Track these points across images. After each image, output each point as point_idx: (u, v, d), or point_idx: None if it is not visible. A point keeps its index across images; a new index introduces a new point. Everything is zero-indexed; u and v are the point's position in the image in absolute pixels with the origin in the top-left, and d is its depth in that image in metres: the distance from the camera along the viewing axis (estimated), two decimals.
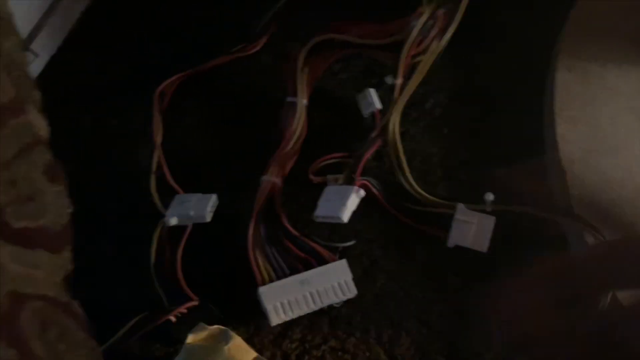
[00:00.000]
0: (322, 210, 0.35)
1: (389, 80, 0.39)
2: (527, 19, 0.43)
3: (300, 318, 0.34)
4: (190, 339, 0.31)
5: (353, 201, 0.35)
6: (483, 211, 0.36)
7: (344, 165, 0.38)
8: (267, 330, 0.35)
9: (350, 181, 0.36)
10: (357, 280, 0.35)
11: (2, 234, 0.17)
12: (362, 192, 0.35)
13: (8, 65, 0.20)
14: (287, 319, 0.33)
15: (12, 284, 0.16)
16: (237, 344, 0.32)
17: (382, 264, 0.37)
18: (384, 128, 0.38)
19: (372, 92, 0.39)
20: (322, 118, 0.41)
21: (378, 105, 0.39)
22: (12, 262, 0.17)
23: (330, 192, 0.36)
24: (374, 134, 0.38)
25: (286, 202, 0.38)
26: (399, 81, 0.38)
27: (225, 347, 0.31)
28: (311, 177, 0.38)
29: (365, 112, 0.40)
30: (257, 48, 0.42)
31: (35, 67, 0.42)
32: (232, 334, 0.32)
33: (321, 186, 0.37)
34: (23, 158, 0.19)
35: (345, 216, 0.34)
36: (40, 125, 0.22)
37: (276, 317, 0.33)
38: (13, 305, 0.15)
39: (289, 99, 0.39)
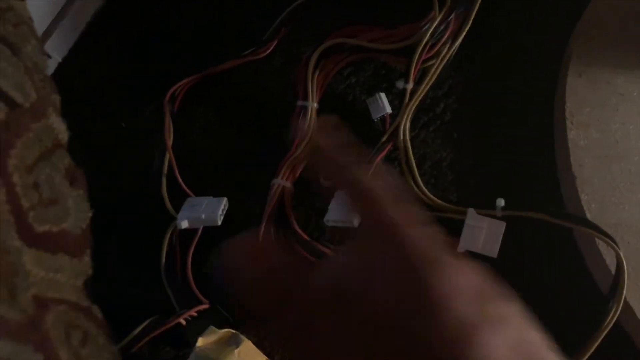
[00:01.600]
0: (333, 214, 0.35)
1: (399, 84, 0.39)
2: (538, 24, 0.43)
3: None
4: (201, 342, 0.31)
5: None
6: (493, 216, 0.36)
7: None
8: (277, 334, 0.35)
9: None
10: None
11: (25, 238, 0.17)
12: None
13: (30, 69, 0.20)
14: None
15: (35, 288, 0.16)
16: (247, 347, 0.32)
17: None
18: (394, 132, 0.38)
19: (383, 97, 0.39)
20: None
21: (388, 109, 0.39)
22: (35, 266, 0.17)
23: (341, 196, 0.36)
24: (384, 138, 0.38)
25: (297, 206, 0.38)
26: (409, 86, 0.38)
27: (236, 351, 0.31)
28: (322, 180, 0.38)
29: (376, 116, 0.40)
30: (268, 52, 0.42)
31: (47, 69, 0.43)
32: (243, 337, 0.32)
33: (332, 190, 0.37)
34: (45, 162, 0.19)
35: (357, 220, 0.34)
36: (60, 129, 0.22)
37: None
38: (38, 309, 0.15)
39: (300, 102, 0.39)
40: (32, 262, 0.17)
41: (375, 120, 0.40)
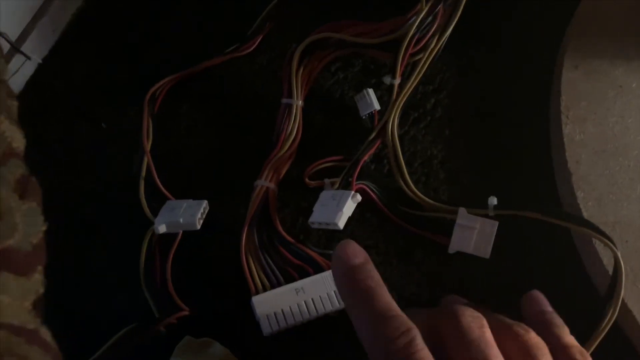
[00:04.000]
0: (317, 216, 0.34)
1: (387, 80, 0.37)
2: (533, 15, 0.42)
3: (295, 327, 0.33)
4: (177, 351, 0.30)
5: (349, 206, 0.33)
6: (486, 216, 0.35)
7: (341, 168, 0.37)
8: (260, 341, 0.34)
9: (347, 185, 0.35)
10: None
11: None
12: (359, 197, 0.34)
13: None
14: (281, 328, 0.32)
15: None
16: (225, 357, 0.31)
17: (381, 272, 0.35)
18: (383, 129, 0.37)
19: (371, 92, 0.38)
20: (320, 119, 0.40)
21: (376, 105, 0.38)
22: None
23: (326, 197, 0.35)
24: (372, 136, 0.37)
25: (281, 208, 0.37)
26: (397, 81, 0.37)
27: None
28: (307, 181, 0.37)
29: (363, 113, 0.38)
30: (252, 48, 0.40)
31: (26, 70, 0.41)
32: (220, 346, 0.31)
33: (318, 190, 0.36)
34: None
35: (341, 222, 0.33)
36: (15, 137, 0.20)
37: (269, 327, 0.32)
38: None
39: (285, 100, 0.38)
40: None
41: (364, 117, 0.38)
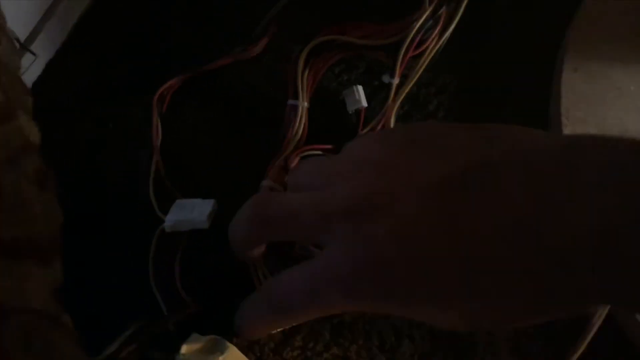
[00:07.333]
0: None
1: (385, 78, 0.38)
2: (532, 18, 0.42)
3: (301, 325, 0.34)
4: (184, 350, 0.30)
5: None
6: None
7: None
8: (267, 338, 0.34)
9: None
10: None
11: None
12: None
13: None
14: (288, 326, 0.33)
15: None
16: (233, 354, 0.31)
17: None
18: (382, 129, 0.37)
19: (360, 89, 0.39)
20: (324, 120, 0.40)
21: (364, 103, 0.38)
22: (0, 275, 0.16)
23: None
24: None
25: None
26: (395, 80, 0.37)
27: (221, 358, 0.30)
28: (287, 178, 0.37)
29: (350, 109, 0.39)
30: (258, 50, 0.41)
31: (34, 69, 0.42)
32: (228, 343, 0.31)
33: None
34: (11, 165, 0.18)
35: None
36: (31, 131, 0.21)
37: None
38: None
39: (290, 101, 0.39)
40: None
41: (351, 112, 0.39)
